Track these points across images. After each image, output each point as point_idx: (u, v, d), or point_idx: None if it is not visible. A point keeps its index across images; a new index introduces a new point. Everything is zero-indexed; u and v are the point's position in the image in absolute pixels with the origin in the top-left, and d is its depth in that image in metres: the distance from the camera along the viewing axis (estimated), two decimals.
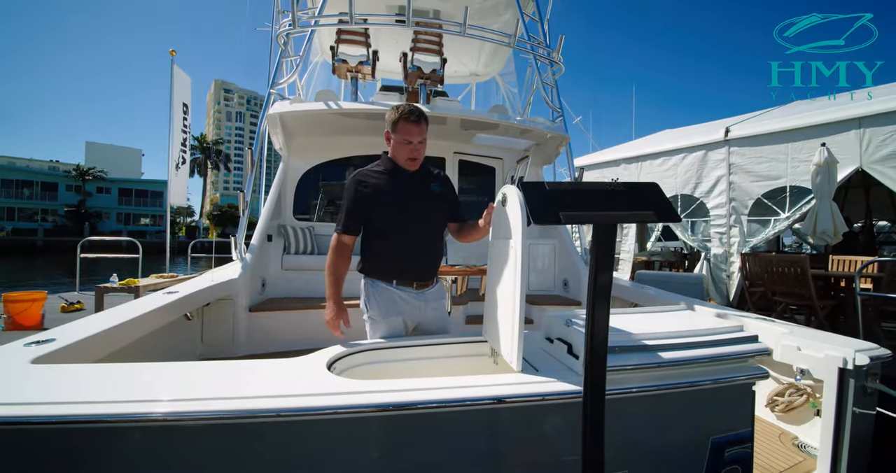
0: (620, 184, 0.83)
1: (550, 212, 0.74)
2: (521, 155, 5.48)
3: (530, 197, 0.78)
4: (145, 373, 1.26)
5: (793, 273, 4.38)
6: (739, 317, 2.63)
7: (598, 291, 0.78)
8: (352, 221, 1.86)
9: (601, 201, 0.80)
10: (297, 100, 4.46)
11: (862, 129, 5.14)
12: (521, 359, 1.26)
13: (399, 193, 1.88)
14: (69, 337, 1.77)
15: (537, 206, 0.76)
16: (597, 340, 0.82)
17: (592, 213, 0.76)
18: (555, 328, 1.48)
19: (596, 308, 0.80)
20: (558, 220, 0.75)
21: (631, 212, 0.80)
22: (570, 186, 0.85)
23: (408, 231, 1.90)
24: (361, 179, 1.87)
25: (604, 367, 0.85)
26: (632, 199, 0.82)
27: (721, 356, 1.35)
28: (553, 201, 0.76)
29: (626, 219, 0.81)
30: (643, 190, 0.83)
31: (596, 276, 0.76)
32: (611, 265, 0.81)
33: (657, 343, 1.31)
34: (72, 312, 4.97)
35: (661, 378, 1.27)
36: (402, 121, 1.83)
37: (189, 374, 1.25)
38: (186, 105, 7.40)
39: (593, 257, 0.78)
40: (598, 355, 0.83)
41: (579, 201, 0.78)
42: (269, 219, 4.30)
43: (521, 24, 4.59)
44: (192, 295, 2.95)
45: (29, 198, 38.45)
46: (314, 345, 3.79)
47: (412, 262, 1.94)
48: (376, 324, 1.92)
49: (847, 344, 1.94)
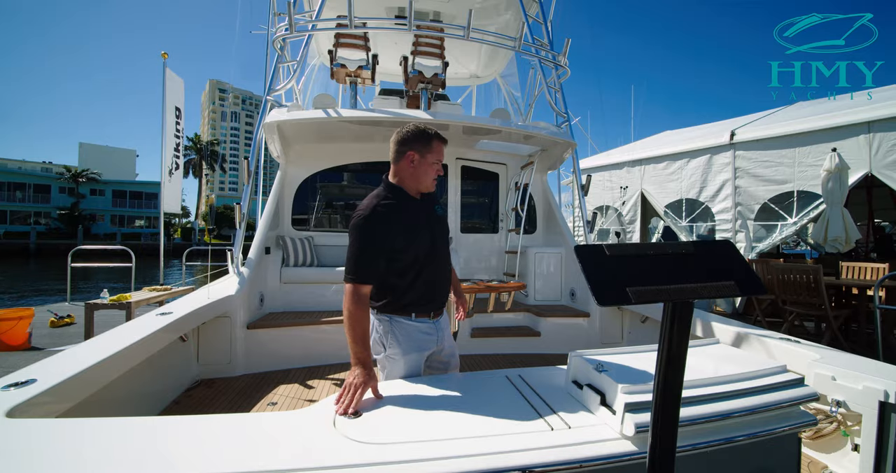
0: (689, 245, 0.70)
1: (617, 287, 0.61)
2: (525, 160, 5.36)
3: (590, 267, 0.65)
4: (109, 436, 1.10)
5: (804, 281, 4.27)
6: (761, 338, 2.52)
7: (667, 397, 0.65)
8: (372, 268, 1.58)
9: (671, 269, 0.67)
10: (294, 106, 4.31)
11: (871, 134, 5.05)
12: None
13: (421, 224, 1.70)
14: (52, 377, 1.64)
15: (601, 281, 0.63)
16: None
17: (667, 288, 0.64)
18: (583, 372, 1.35)
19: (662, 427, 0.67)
20: (627, 299, 0.62)
21: (709, 283, 0.67)
22: (634, 250, 0.71)
23: (434, 261, 1.74)
24: (377, 218, 1.59)
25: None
26: (706, 265, 0.70)
27: (766, 405, 1.23)
28: (618, 273, 0.63)
29: (704, 294, 0.67)
30: (717, 252, 0.71)
31: (665, 374, 0.63)
32: (684, 353, 0.68)
33: (696, 393, 1.18)
34: (62, 327, 4.81)
35: (697, 434, 1.14)
36: (436, 141, 1.69)
37: (169, 440, 1.08)
38: (179, 109, 7.22)
39: (664, 345, 0.64)
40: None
41: (648, 271, 0.66)
42: (266, 231, 4.15)
43: (524, 27, 4.46)
44: (187, 316, 2.81)
45: (21, 200, 37.95)
46: (315, 363, 3.69)
47: (436, 292, 1.79)
48: (395, 363, 1.71)
49: (886, 372, 1.83)
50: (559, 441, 1.07)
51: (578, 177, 4.73)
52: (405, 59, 4.81)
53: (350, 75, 4.70)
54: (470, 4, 5.24)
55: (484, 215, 5.54)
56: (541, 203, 5.33)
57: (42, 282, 18.87)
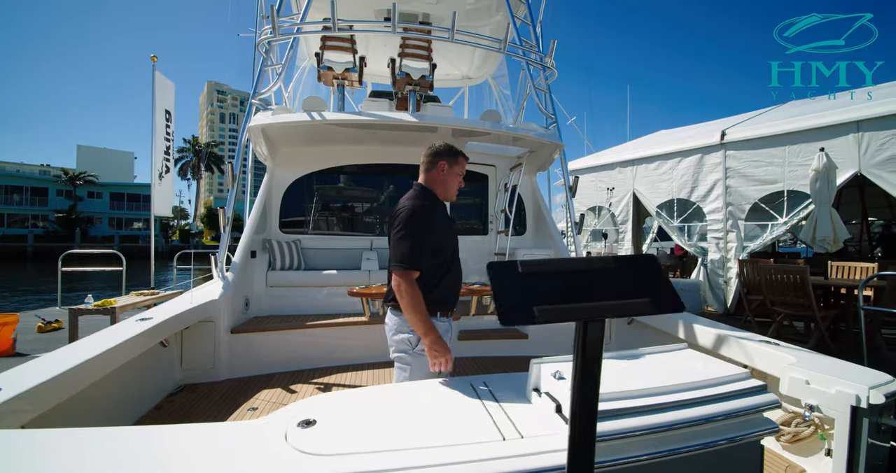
0: (610, 260, 0.69)
1: (524, 306, 0.60)
2: (514, 162, 5.35)
3: (499, 285, 0.63)
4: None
5: (792, 281, 4.26)
6: (741, 340, 2.51)
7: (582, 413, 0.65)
8: (422, 256, 1.78)
9: (589, 286, 0.66)
10: (282, 109, 4.30)
11: (860, 133, 5.04)
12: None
13: (449, 225, 1.97)
14: (18, 385, 1.63)
15: (508, 299, 0.61)
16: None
17: (575, 307, 0.62)
18: (543, 379, 1.33)
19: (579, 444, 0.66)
20: (531, 319, 0.61)
21: (623, 301, 0.66)
22: (551, 267, 0.69)
23: (454, 262, 1.97)
24: (429, 213, 1.85)
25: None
26: (625, 281, 0.68)
27: (726, 413, 1.21)
28: (529, 291, 0.62)
29: (615, 313, 0.66)
30: (639, 268, 0.69)
31: (582, 389, 0.62)
32: (598, 373, 0.67)
33: (654, 401, 1.17)
34: (49, 332, 4.78)
35: (655, 443, 1.13)
36: (461, 157, 1.99)
37: (105, 454, 1.05)
38: (169, 112, 7.20)
39: (577, 364, 0.63)
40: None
41: (563, 288, 0.64)
42: (252, 234, 4.13)
43: (511, 28, 4.45)
44: (167, 322, 2.80)
45: (19, 203, 37.92)
46: (300, 367, 3.68)
47: (455, 292, 2.00)
48: (425, 360, 1.84)
49: (860, 376, 1.82)
50: (508, 451, 1.06)
51: (567, 179, 4.73)
52: (392, 61, 4.80)
53: (337, 78, 4.69)
54: (461, 6, 5.23)
55: (473, 217, 5.54)
56: (530, 204, 5.32)
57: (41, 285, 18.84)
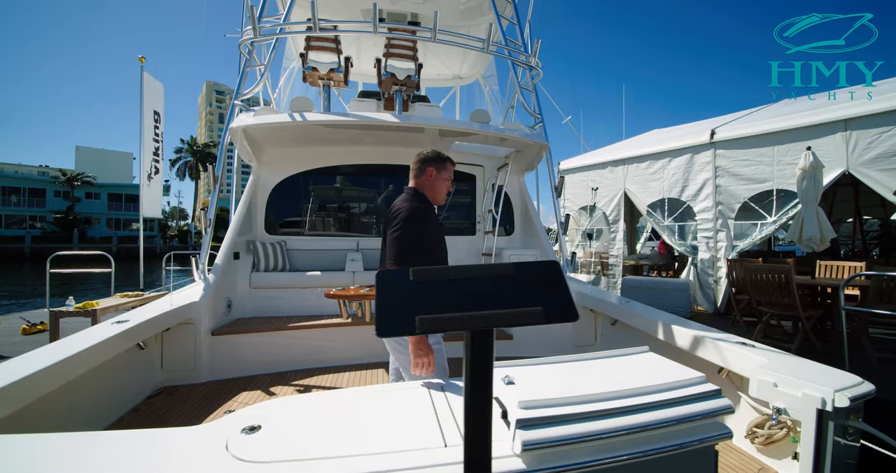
0: (510, 268, 0.67)
1: (405, 316, 0.58)
2: (501, 162, 5.33)
3: (383, 294, 0.61)
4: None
5: (777, 281, 4.24)
6: (717, 341, 2.50)
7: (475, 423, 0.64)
8: (419, 255, 1.85)
9: (482, 294, 0.64)
10: (265, 110, 4.28)
11: (848, 131, 5.02)
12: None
13: (440, 226, 2.08)
14: None
15: (391, 308, 0.60)
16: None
17: (461, 316, 0.61)
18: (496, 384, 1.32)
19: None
20: (411, 329, 0.59)
21: (515, 309, 0.64)
22: (444, 274, 0.67)
23: (444, 261, 2.06)
24: (423, 213, 1.92)
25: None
26: (522, 288, 0.66)
27: (677, 418, 1.20)
28: (416, 300, 0.60)
29: (504, 322, 0.65)
30: (539, 275, 0.67)
31: (472, 398, 0.60)
32: (489, 383, 0.66)
33: (599, 407, 1.15)
34: (34, 334, 4.76)
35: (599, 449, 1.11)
36: (448, 162, 2.10)
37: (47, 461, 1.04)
38: (158, 113, 7.19)
39: (467, 372, 0.62)
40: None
41: (454, 296, 0.63)
42: (236, 236, 4.11)
43: (497, 29, 4.43)
44: (144, 324, 2.78)
45: (17, 204, 37.89)
46: (282, 368, 3.66)
47: None
48: (438, 352, 1.90)
49: (828, 379, 1.80)
50: (448, 458, 1.05)
51: (553, 179, 4.71)
52: (378, 61, 4.78)
53: (323, 78, 4.67)
54: (454, 6, 5.22)
55: (461, 217, 5.52)
56: (518, 204, 5.31)
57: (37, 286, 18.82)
